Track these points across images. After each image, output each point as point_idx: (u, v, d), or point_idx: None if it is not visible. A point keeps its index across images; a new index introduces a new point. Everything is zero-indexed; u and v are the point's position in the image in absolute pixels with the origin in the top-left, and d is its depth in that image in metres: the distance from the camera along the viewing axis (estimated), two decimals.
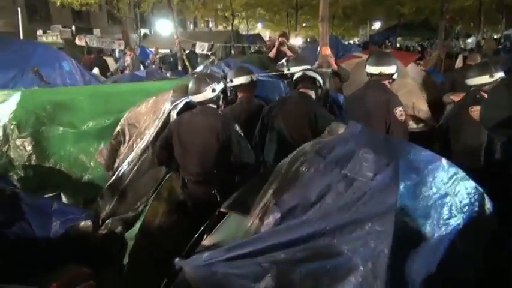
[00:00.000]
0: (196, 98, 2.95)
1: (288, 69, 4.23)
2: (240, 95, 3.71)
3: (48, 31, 17.97)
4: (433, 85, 5.47)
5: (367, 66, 3.31)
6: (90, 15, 23.41)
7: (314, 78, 3.42)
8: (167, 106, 3.27)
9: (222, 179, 2.86)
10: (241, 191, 2.21)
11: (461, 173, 1.82)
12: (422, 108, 4.71)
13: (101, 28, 24.48)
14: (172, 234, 2.94)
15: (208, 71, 5.87)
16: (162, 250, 2.72)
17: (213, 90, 2.92)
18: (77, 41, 11.47)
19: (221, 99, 3.09)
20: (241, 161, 2.85)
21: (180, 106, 3.28)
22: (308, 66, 4.06)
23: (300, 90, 3.39)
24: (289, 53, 6.13)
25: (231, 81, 3.65)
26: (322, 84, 3.57)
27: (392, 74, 3.23)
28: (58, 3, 12.92)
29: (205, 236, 2.10)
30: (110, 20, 26.58)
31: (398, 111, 3.03)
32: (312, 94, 3.39)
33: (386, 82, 3.25)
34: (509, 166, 2.57)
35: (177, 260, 1.80)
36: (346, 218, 1.65)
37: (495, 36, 21.53)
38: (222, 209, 2.12)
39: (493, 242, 1.75)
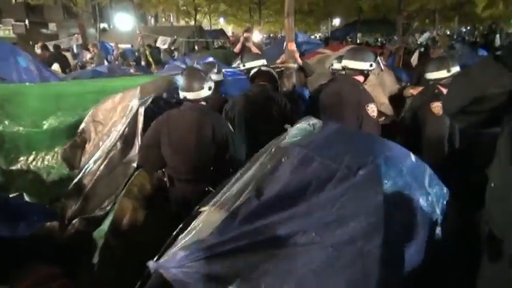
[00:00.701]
0: (191, 95, 2.87)
1: (244, 65, 4.21)
2: None
3: None
4: (393, 79, 5.69)
5: (343, 60, 3.34)
6: (44, 9, 22.38)
7: (271, 73, 3.47)
8: (134, 103, 3.22)
9: (215, 177, 2.77)
10: (218, 189, 2.10)
11: (427, 166, 1.89)
12: (383, 102, 4.89)
13: (56, 22, 23.53)
14: (143, 231, 2.91)
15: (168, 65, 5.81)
16: (133, 247, 2.70)
17: (210, 88, 2.91)
18: (37, 51, 10.85)
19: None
20: (236, 158, 2.85)
21: (148, 102, 3.23)
22: (263, 62, 4.07)
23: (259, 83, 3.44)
24: (254, 48, 6.18)
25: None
26: (277, 79, 3.63)
27: (365, 70, 3.27)
28: None
29: (180, 236, 1.97)
30: (66, 13, 25.51)
31: (370, 107, 3.08)
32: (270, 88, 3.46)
33: (359, 78, 3.28)
34: (467, 155, 2.74)
35: (150, 262, 1.70)
36: (331, 215, 1.60)
37: (448, 33, 22.59)
38: (199, 209, 2.03)
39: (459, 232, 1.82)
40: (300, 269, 1.51)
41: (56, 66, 9.34)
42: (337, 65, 4.05)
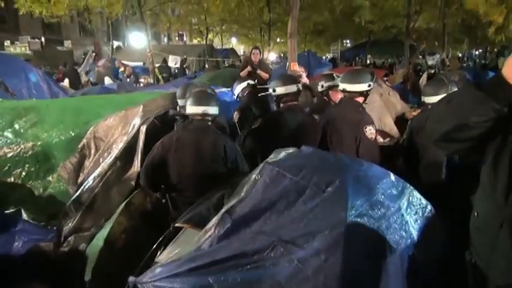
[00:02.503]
0: (209, 110, 2.91)
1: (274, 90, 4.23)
2: None
3: (16, 42, 17.53)
4: (398, 100, 5.66)
5: (340, 83, 3.37)
6: (61, 26, 23.01)
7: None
8: (137, 121, 3.23)
9: None
10: (196, 205, 2.21)
11: (409, 187, 1.90)
12: (388, 123, 4.87)
13: (72, 40, 24.11)
14: (137, 250, 2.87)
15: None
16: (127, 266, 2.66)
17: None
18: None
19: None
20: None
21: (150, 121, 3.25)
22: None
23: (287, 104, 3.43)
24: (263, 74, 6.22)
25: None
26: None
27: (364, 92, 3.27)
28: (21, 12, 12.55)
29: (158, 252, 2.09)
30: (82, 31, 26.20)
31: (368, 129, 3.09)
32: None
33: (359, 99, 3.29)
34: (464, 179, 2.68)
35: (130, 277, 1.76)
36: (298, 230, 1.66)
37: (459, 54, 22.57)
38: (176, 224, 2.12)
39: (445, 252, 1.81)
40: (267, 281, 1.59)
41: (66, 82, 9.53)
42: (326, 85, 4.05)
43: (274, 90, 3.42)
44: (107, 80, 10.18)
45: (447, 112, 1.37)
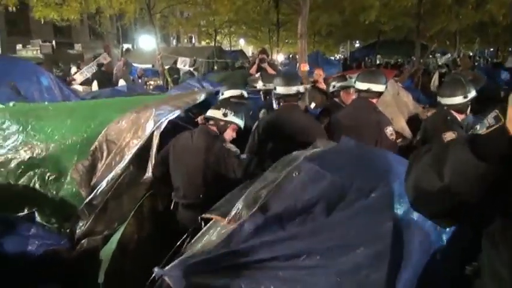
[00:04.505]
0: (209, 112, 3.03)
1: (264, 86, 4.25)
2: None
3: (28, 45, 17.75)
4: (410, 101, 5.59)
5: (356, 82, 3.33)
6: (71, 29, 23.24)
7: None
8: (150, 125, 3.21)
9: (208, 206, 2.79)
10: (225, 198, 2.08)
11: None
12: (401, 123, 4.80)
13: (82, 43, 24.36)
14: (150, 251, 2.87)
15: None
16: (140, 267, 2.66)
17: (224, 115, 2.93)
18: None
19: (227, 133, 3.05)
20: (243, 174, 2.75)
21: (163, 125, 3.24)
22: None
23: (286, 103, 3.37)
24: (269, 69, 6.22)
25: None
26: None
27: (381, 93, 3.25)
28: (37, 17, 12.77)
29: (185, 244, 2.03)
30: (92, 34, 26.44)
31: (389, 130, 3.07)
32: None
33: (374, 100, 3.25)
34: None
35: (156, 269, 1.70)
36: (337, 239, 1.52)
37: (470, 53, 22.29)
38: (204, 215, 2.03)
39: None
40: None
41: (94, 85, 9.64)
42: (338, 85, 4.00)
43: (275, 89, 3.36)
44: (121, 82, 10.25)
45: (428, 167, 1.01)
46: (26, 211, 3.15)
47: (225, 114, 2.94)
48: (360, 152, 2.06)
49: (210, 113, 3.02)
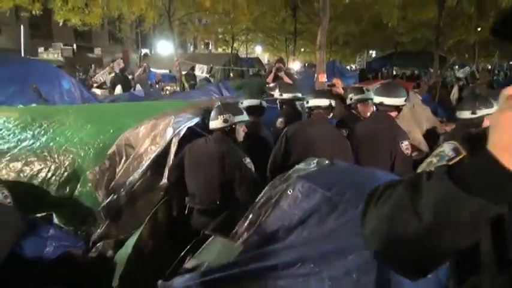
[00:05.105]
0: (211, 125, 3.05)
1: (281, 95, 4.29)
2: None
3: (49, 48, 18.18)
4: (428, 114, 5.54)
5: (374, 96, 3.33)
6: (92, 34, 23.72)
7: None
8: (169, 132, 3.25)
9: (223, 211, 2.82)
10: (226, 214, 2.34)
11: None
12: (418, 137, 4.75)
13: (101, 47, 24.85)
14: (164, 256, 2.89)
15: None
16: (154, 272, 2.68)
17: (225, 121, 2.95)
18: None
19: (238, 131, 3.09)
20: (243, 196, 2.80)
21: (182, 133, 3.27)
22: (299, 94, 4.19)
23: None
24: (286, 78, 6.24)
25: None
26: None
27: (399, 106, 3.24)
28: (58, 21, 13.13)
29: (187, 258, 2.17)
30: (111, 39, 26.94)
31: (404, 145, 3.05)
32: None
33: (393, 114, 3.25)
34: None
35: (159, 282, 1.88)
36: (329, 246, 1.65)
37: (488, 67, 21.97)
38: (206, 232, 2.22)
39: None
40: None
41: (118, 88, 9.80)
42: (355, 98, 4.00)
43: (307, 102, 3.42)
44: (137, 87, 10.41)
45: (408, 221, 0.75)
46: (44, 213, 3.20)
47: (225, 120, 2.96)
48: (351, 170, 2.26)
49: (213, 125, 3.04)
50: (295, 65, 19.58)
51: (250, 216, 2.04)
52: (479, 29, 14.36)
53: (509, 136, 0.65)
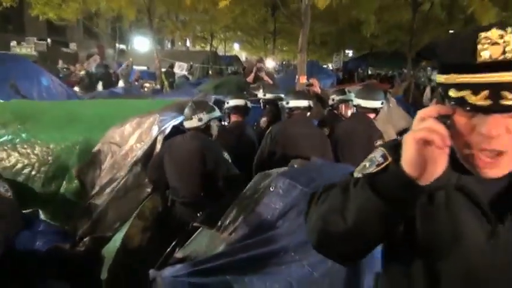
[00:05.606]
0: (186, 124, 3.14)
1: (265, 95, 4.44)
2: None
3: (22, 43, 17.66)
4: (403, 115, 5.78)
5: (354, 98, 3.54)
6: (66, 28, 23.17)
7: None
8: (154, 130, 3.33)
9: (207, 203, 2.95)
10: (213, 208, 2.45)
11: None
12: (392, 136, 4.98)
13: (76, 42, 24.26)
14: (151, 250, 2.98)
15: None
16: (141, 266, 2.76)
17: (200, 120, 3.05)
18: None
19: (213, 128, 3.19)
20: (227, 187, 2.96)
21: (167, 131, 3.35)
22: (282, 94, 4.31)
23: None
24: (266, 78, 6.38)
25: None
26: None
27: (377, 109, 3.47)
28: (33, 15, 12.78)
29: (177, 249, 2.31)
30: (87, 34, 26.35)
31: (379, 144, 3.24)
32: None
33: (371, 115, 3.46)
34: None
35: (151, 271, 2.00)
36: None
37: None
38: (194, 224, 2.34)
39: None
40: (281, 282, 1.80)
41: (99, 86, 9.71)
42: (337, 99, 4.19)
43: (287, 103, 3.57)
44: (120, 84, 10.35)
45: (338, 221, 0.91)
46: (29, 209, 3.22)
47: (200, 119, 3.07)
48: (327, 166, 2.50)
49: (188, 124, 3.13)
50: (271, 63, 19.65)
51: (236, 209, 2.21)
52: (450, 32, 14.86)
53: (411, 153, 0.80)
